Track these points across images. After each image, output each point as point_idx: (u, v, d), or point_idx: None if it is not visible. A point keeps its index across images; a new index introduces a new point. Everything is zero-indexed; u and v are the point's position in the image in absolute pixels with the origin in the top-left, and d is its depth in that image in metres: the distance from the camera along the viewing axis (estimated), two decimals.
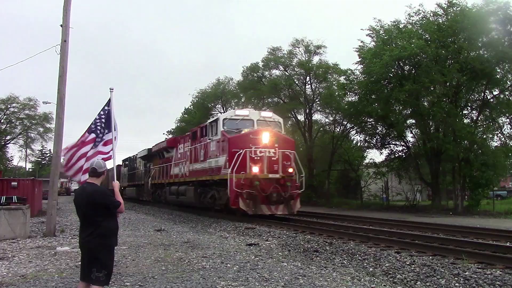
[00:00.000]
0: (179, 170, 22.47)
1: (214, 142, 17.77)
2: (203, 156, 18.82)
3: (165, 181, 25.06)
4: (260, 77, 39.13)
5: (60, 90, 13.15)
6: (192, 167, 20.28)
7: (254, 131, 16.50)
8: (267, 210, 15.70)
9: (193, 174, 20.07)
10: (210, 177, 17.61)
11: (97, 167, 4.92)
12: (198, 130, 20.34)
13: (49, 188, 13.79)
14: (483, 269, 7.09)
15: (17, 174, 66.96)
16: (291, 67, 36.80)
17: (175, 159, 23.69)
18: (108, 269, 4.73)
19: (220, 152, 16.96)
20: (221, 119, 17.45)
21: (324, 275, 6.99)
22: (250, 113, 17.73)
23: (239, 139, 16.19)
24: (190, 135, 21.42)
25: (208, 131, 18.48)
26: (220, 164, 16.82)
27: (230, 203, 15.71)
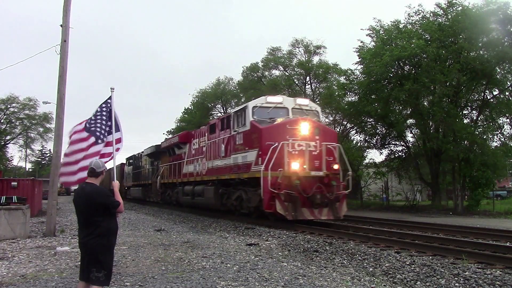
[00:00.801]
0: (193, 168, 20.43)
1: (240, 134, 15.38)
2: (226, 152, 16.62)
3: (177, 181, 22.88)
4: (260, 77, 39.16)
5: (60, 90, 13.15)
6: (211, 164, 18.09)
7: (291, 120, 14.19)
8: (309, 215, 13.38)
9: (212, 172, 17.84)
10: (236, 175, 15.36)
11: (96, 167, 4.91)
12: (218, 122, 18.19)
13: (49, 188, 13.80)
14: (483, 269, 7.09)
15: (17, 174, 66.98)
16: (291, 67, 36.83)
17: (188, 156, 21.63)
18: (108, 269, 4.73)
19: (249, 145, 14.61)
20: (250, 107, 14.90)
21: (324, 275, 6.99)
22: (284, 100, 15.30)
23: (273, 130, 13.89)
24: (207, 128, 19.28)
25: (233, 122, 16.08)
26: (249, 160, 14.60)
27: (263, 206, 13.46)
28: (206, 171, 18.59)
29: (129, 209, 26.38)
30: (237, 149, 15.54)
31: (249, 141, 14.68)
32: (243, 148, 15.12)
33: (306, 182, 13.37)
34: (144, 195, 31.81)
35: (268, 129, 14.07)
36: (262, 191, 13.29)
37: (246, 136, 14.97)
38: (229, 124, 16.50)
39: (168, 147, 25.03)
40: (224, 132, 17.04)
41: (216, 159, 17.60)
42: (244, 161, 14.98)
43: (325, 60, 35.66)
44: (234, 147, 15.77)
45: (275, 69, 38.07)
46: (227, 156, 16.38)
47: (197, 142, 20.59)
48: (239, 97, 44.25)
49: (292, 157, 13.48)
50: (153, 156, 29.72)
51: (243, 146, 15.08)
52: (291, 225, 13.51)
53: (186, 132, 23.99)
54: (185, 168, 21.78)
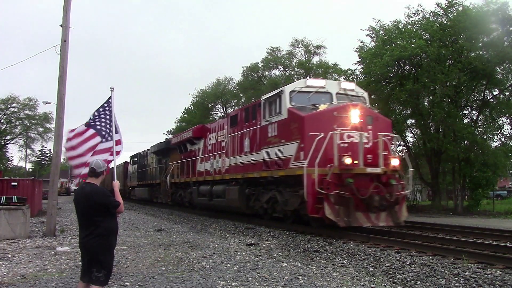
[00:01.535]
0: (210, 165, 18.48)
1: (274, 125, 13.20)
2: (253, 146, 14.54)
3: (190, 180, 20.77)
4: (260, 77, 39.18)
5: (60, 90, 13.15)
6: (234, 161, 15.98)
7: (339, 107, 12.02)
8: (365, 221, 11.15)
9: (236, 170, 15.72)
10: (269, 173, 13.33)
11: (96, 167, 4.92)
12: (241, 112, 16.11)
13: (49, 188, 13.80)
14: (483, 269, 7.09)
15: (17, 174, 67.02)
16: (291, 67, 36.84)
17: (203, 152, 19.64)
18: (108, 269, 4.74)
19: (287, 137, 12.44)
20: (287, 92, 12.73)
21: (324, 275, 6.99)
22: (327, 84, 13.08)
23: (318, 118, 11.79)
24: (227, 120, 17.28)
25: (263, 111, 13.94)
26: (286, 154, 12.43)
27: (307, 209, 11.27)
28: (228, 169, 16.53)
29: (129, 209, 26.38)
30: (270, 142, 13.36)
31: (286, 132, 12.49)
32: (277, 140, 12.95)
33: (361, 181, 11.23)
34: (151, 196, 29.91)
35: (312, 117, 11.82)
36: (306, 191, 11.07)
37: (281, 126, 12.79)
38: (257, 113, 14.38)
39: (179, 143, 22.99)
40: (250, 123, 14.96)
41: (240, 155, 15.46)
42: (279, 156, 12.81)
43: (325, 60, 35.73)
44: (265, 140, 13.60)
45: (275, 69, 38.10)
46: (256, 151, 14.26)
47: (214, 137, 18.60)
48: (239, 97, 44.28)
49: (343, 150, 11.35)
50: (161, 154, 27.83)
51: (278, 138, 12.91)
52: (291, 225, 13.47)
53: (201, 126, 21.72)
54: (199, 165, 19.87)
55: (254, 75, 39.36)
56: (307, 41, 35.72)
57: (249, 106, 15.68)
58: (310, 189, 11.05)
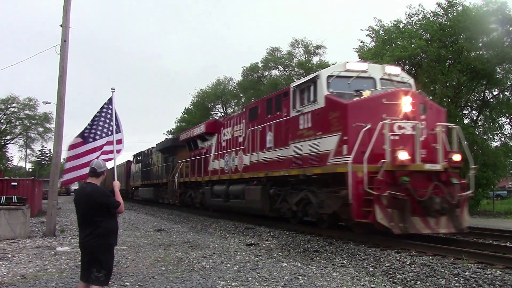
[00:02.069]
0: (225, 163, 17.07)
1: (307, 115, 11.57)
2: (278, 140, 13.01)
3: (202, 179, 19.22)
4: (260, 77, 39.21)
5: (60, 90, 13.16)
6: (255, 157, 14.36)
7: (388, 93, 10.41)
8: (423, 227, 9.38)
9: (258, 168, 14.13)
10: (300, 171, 11.69)
11: (97, 167, 4.92)
12: (262, 103, 14.56)
13: (49, 188, 13.81)
14: (483, 269, 7.09)
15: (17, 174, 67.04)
16: (291, 67, 36.86)
17: (217, 149, 18.29)
18: (108, 269, 4.74)
19: (324, 129, 10.81)
20: (323, 77, 11.11)
21: (324, 275, 6.99)
22: (369, 68, 11.50)
23: (364, 106, 10.19)
24: (246, 113, 15.81)
25: (292, 100, 12.34)
26: (323, 149, 10.77)
27: (352, 213, 9.63)
28: (247, 167, 14.99)
29: (129, 209, 26.38)
30: (301, 136, 11.77)
31: (324, 123, 10.84)
32: (312, 133, 11.31)
33: (417, 180, 9.63)
34: (156, 196, 28.22)
35: (357, 105, 10.25)
36: (351, 192, 9.46)
37: (317, 116, 11.15)
38: (283, 104, 12.92)
39: (189, 140, 21.50)
40: (273, 115, 13.48)
41: (262, 151, 13.93)
42: (314, 151, 11.16)
43: (324, 60, 35.75)
44: (296, 133, 12.04)
45: (274, 69, 38.13)
46: (282, 146, 12.72)
47: (229, 132, 17.18)
48: (239, 97, 44.31)
49: (394, 144, 9.76)
50: (167, 151, 26.34)
51: (313, 130, 11.30)
52: (291, 225, 13.45)
53: (214, 120, 20.63)
54: (212, 163, 18.48)
55: (254, 75, 39.39)
56: (307, 41, 35.78)
57: (272, 96, 14.10)
58: (355, 189, 9.47)
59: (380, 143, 9.65)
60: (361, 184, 9.45)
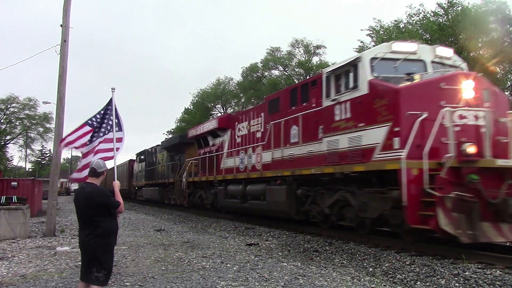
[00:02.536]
0: (240, 161, 15.85)
1: (345, 104, 10.18)
2: (306, 135, 11.70)
3: (215, 178, 17.90)
4: (260, 77, 39.24)
5: (60, 90, 13.17)
6: (278, 154, 13.00)
7: (446, 76, 9.04)
8: (495, 234, 7.99)
9: (282, 165, 12.76)
10: (337, 168, 10.21)
11: (97, 167, 4.93)
12: (285, 94, 13.28)
13: (49, 188, 13.81)
14: (483, 269, 7.09)
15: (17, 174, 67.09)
16: (291, 67, 36.88)
17: (231, 146, 17.07)
18: (108, 269, 4.75)
19: (368, 119, 9.41)
20: (366, 60, 9.75)
21: (324, 275, 6.99)
22: (419, 49, 10.02)
23: (418, 92, 8.83)
24: (265, 105, 14.58)
25: (325, 89, 10.96)
26: (368, 142, 9.36)
27: (407, 218, 8.21)
28: (269, 164, 13.66)
29: (129, 209, 26.38)
30: (337, 128, 10.42)
31: (367, 113, 9.47)
32: (351, 125, 9.96)
33: (487, 179, 8.18)
34: (162, 197, 26.86)
35: (411, 90, 8.89)
36: (405, 193, 8.08)
37: (358, 105, 9.76)
38: (311, 93, 11.69)
39: (198, 137, 20.22)
40: (299, 107, 12.20)
41: (287, 147, 12.61)
42: (355, 145, 9.80)
43: (324, 60, 35.77)
44: (330, 125, 10.68)
45: (274, 69, 38.16)
46: (312, 140, 11.37)
47: (245, 127, 15.95)
48: (239, 97, 44.33)
49: (457, 136, 8.40)
50: (174, 149, 25.04)
51: (353, 121, 9.94)
52: (291, 225, 13.43)
53: (227, 115, 19.27)
54: (225, 161, 17.21)
55: (254, 75, 39.42)
56: (307, 41, 35.80)
57: (297, 86, 12.91)
58: (411, 189, 8.13)
59: (442, 135, 8.33)
60: (418, 184, 8.13)
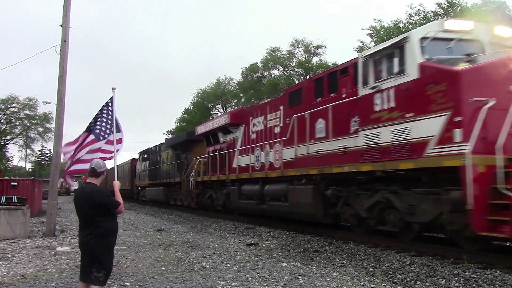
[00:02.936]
0: (255, 158, 14.84)
1: (388, 92, 8.93)
2: (336, 128, 10.52)
3: (227, 178, 16.88)
4: (260, 77, 39.25)
5: (60, 90, 13.17)
6: (303, 150, 11.79)
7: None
8: None
9: (307, 163, 11.54)
10: (377, 165, 9.09)
11: (97, 167, 4.93)
12: (309, 85, 12.19)
13: (49, 188, 13.81)
14: (483, 269, 7.09)
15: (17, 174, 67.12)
16: (291, 67, 36.90)
17: (244, 142, 16.03)
18: (108, 269, 4.75)
19: (420, 108, 8.19)
20: (415, 40, 8.52)
21: (324, 275, 6.99)
22: (475, 28, 8.69)
23: (483, 75, 7.70)
24: (284, 98, 13.47)
25: (364, 75, 9.67)
26: (419, 135, 8.15)
27: (472, 223, 7.19)
28: (290, 162, 12.52)
29: (129, 209, 26.39)
30: (378, 120, 9.16)
31: (418, 101, 8.28)
32: (397, 115, 8.69)
33: None
34: (167, 197, 25.69)
35: (474, 73, 7.75)
36: (471, 193, 7.04)
37: (406, 92, 8.54)
38: (342, 83, 10.63)
39: (207, 133, 19.24)
40: (326, 98, 11.15)
41: (313, 142, 11.40)
42: (401, 138, 8.54)
43: (324, 60, 35.78)
44: (368, 116, 9.41)
45: (274, 69, 38.18)
46: (344, 134, 10.21)
47: (260, 122, 14.87)
48: (239, 97, 44.33)
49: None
50: (180, 147, 24.00)
51: (398, 111, 8.68)
52: (291, 225, 13.42)
53: (239, 109, 18.13)
54: (239, 159, 16.13)
55: (254, 75, 39.43)
56: (307, 41, 35.81)
57: (323, 75, 11.70)
58: (477, 189, 7.08)
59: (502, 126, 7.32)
60: (485, 183, 7.11)
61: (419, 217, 8.51)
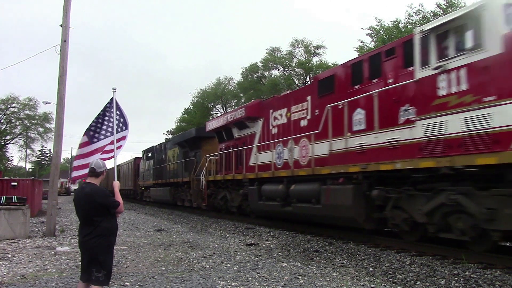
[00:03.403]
0: (277, 155, 13.48)
1: (459, 72, 7.51)
2: (383, 119, 9.08)
3: (244, 176, 15.41)
4: (260, 77, 39.25)
5: (60, 90, 13.17)
6: (341, 144, 10.27)
7: None
8: None
9: (346, 159, 10.05)
10: (442, 161, 7.67)
11: (96, 167, 4.92)
12: (344, 70, 10.78)
13: (49, 188, 13.81)
14: (483, 269, 7.09)
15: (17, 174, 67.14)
16: (291, 67, 36.91)
17: (263, 138, 14.74)
18: (108, 269, 4.74)
19: (503, 91, 6.83)
20: (497, 6, 7.15)
21: (324, 275, 6.99)
22: None
23: None
24: (313, 87, 12.12)
25: (422, 53, 8.26)
26: (503, 123, 6.74)
27: None
28: (323, 159, 11.06)
29: (129, 209, 26.39)
30: (443, 106, 7.73)
31: (502, 81, 6.85)
32: (471, 99, 7.22)
33: None
34: (174, 198, 24.34)
35: None
36: None
37: (484, 71, 7.10)
38: (387, 66, 9.32)
39: (220, 129, 18.00)
40: (366, 84, 9.86)
41: (355, 135, 9.94)
42: (478, 128, 7.06)
43: (324, 60, 35.80)
44: (429, 103, 8.01)
45: (274, 69, 38.20)
46: (393, 125, 8.82)
47: (283, 115, 13.57)
48: (239, 97, 44.32)
49: None
50: (188, 145, 22.53)
51: (473, 95, 7.22)
52: (291, 225, 13.42)
53: (257, 101, 16.31)
54: (255, 157, 14.90)
55: (254, 75, 39.44)
56: (307, 41, 35.82)
57: (363, 58, 10.27)
58: None
59: None
60: None
61: (501, 224, 6.95)
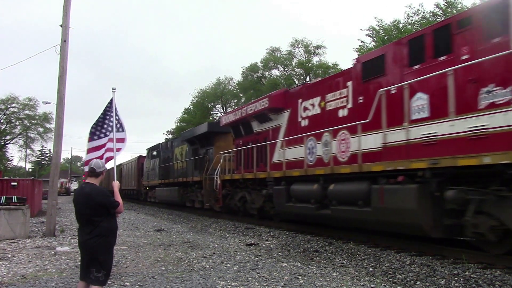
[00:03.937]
0: (309, 151, 11.78)
1: None
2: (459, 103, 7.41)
3: (268, 175, 13.70)
4: (260, 77, 39.25)
5: (60, 90, 13.17)
6: (401, 135, 8.56)
7: None
8: None
9: (409, 153, 8.31)
10: None
11: (96, 167, 4.92)
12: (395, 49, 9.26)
13: (49, 188, 13.81)
14: (483, 269, 7.09)
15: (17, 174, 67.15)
16: (291, 67, 36.92)
17: (289, 132, 13.10)
18: (107, 269, 4.74)
19: None
20: None
21: (324, 275, 6.99)
22: None
23: None
24: (354, 70, 10.51)
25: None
26: None
27: None
28: (375, 153, 9.40)
29: (129, 209, 26.39)
30: None
31: None
32: None
33: None
34: (183, 198, 22.50)
35: None
36: None
37: None
38: (461, 39, 7.65)
39: (237, 123, 16.32)
40: (431, 63, 8.20)
41: (418, 124, 8.24)
42: None
43: (324, 60, 35.81)
44: None
45: (274, 69, 38.22)
46: (474, 110, 7.20)
47: (315, 104, 11.97)
48: (239, 97, 44.32)
49: None
50: (199, 141, 20.67)
51: None
52: (291, 225, 13.42)
53: (283, 90, 14.37)
54: (280, 153, 13.30)
55: (254, 75, 39.45)
56: (307, 41, 35.84)
57: (425, 32, 8.54)
58: None
59: None
60: None
61: None
